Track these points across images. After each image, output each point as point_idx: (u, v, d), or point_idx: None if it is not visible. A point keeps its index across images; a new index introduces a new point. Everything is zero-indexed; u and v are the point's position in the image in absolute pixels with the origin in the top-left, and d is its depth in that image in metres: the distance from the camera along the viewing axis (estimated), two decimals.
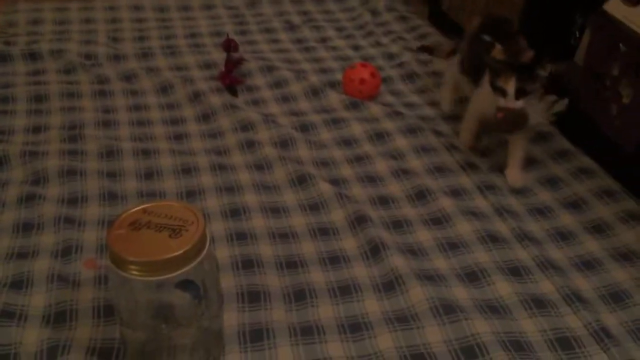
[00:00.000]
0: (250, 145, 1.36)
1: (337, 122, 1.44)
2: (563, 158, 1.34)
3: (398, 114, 1.47)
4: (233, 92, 1.56)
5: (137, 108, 1.49)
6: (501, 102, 1.17)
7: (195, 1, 2.08)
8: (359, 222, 1.14)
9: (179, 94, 1.55)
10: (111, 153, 1.31)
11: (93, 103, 1.50)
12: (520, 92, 1.15)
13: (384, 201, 1.22)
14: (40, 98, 1.51)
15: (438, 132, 1.42)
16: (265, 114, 1.47)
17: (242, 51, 1.74)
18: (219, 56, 1.71)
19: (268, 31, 1.91)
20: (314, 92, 1.56)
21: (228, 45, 1.65)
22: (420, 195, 1.23)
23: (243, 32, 1.89)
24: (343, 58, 1.75)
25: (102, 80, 1.59)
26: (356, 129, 1.42)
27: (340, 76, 1.63)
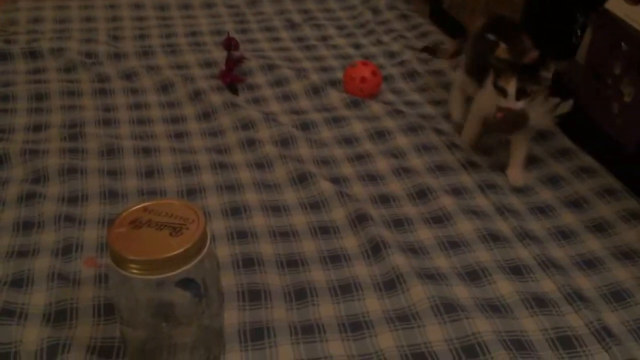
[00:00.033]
0: (250, 143, 1.36)
1: (338, 121, 1.44)
2: (564, 157, 1.34)
3: (399, 113, 1.47)
4: (234, 91, 1.56)
5: (138, 106, 1.49)
6: (502, 102, 1.17)
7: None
8: (360, 221, 1.14)
9: (180, 93, 1.54)
10: (112, 151, 1.31)
11: (93, 101, 1.50)
12: (520, 93, 1.15)
13: (385, 200, 1.22)
14: (40, 96, 1.50)
15: (439, 131, 1.42)
16: (265, 113, 1.47)
17: (243, 49, 1.73)
18: (220, 54, 1.71)
19: (269, 29, 1.91)
20: (315, 91, 1.56)
21: (229, 43, 1.65)
22: (421, 193, 1.23)
23: (244, 31, 1.89)
24: (344, 56, 1.75)
25: (103, 78, 1.58)
26: (357, 128, 1.42)
27: (341, 75, 1.63)
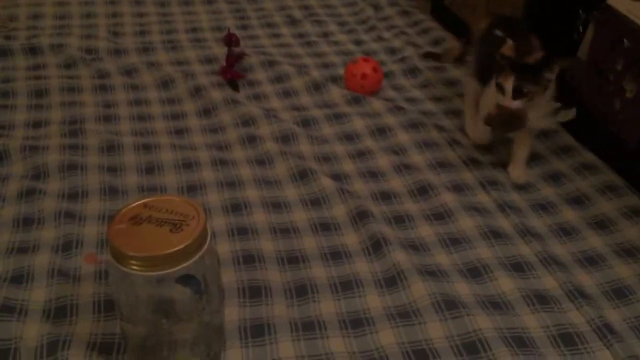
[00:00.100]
0: (251, 140, 1.35)
1: (339, 117, 1.44)
2: (566, 154, 1.33)
3: (400, 109, 1.46)
4: (234, 87, 1.56)
5: (138, 103, 1.49)
6: (499, 100, 1.16)
7: None
8: (361, 218, 1.13)
9: (180, 89, 1.54)
10: (112, 148, 1.31)
11: (93, 98, 1.49)
12: (517, 92, 1.12)
13: (386, 196, 1.22)
14: (40, 93, 1.50)
15: (440, 127, 1.41)
16: (266, 109, 1.46)
17: (243, 46, 1.73)
18: (220, 51, 1.70)
19: (269, 26, 1.90)
20: (316, 87, 1.55)
21: (229, 39, 1.64)
22: (422, 190, 1.22)
23: (244, 27, 1.89)
24: (345, 53, 1.74)
25: (103, 74, 1.58)
26: (358, 124, 1.41)
27: (342, 71, 1.62)
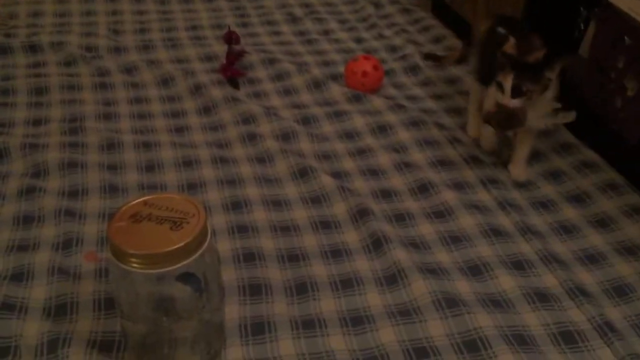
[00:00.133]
0: (251, 138, 1.35)
1: (339, 115, 1.44)
2: (567, 151, 1.33)
3: (401, 107, 1.46)
4: (234, 85, 1.55)
5: (138, 100, 1.49)
6: (499, 98, 1.15)
7: None
8: (361, 216, 1.13)
9: (180, 87, 1.54)
10: (112, 146, 1.31)
11: (93, 95, 1.49)
12: (516, 91, 1.11)
13: (386, 194, 1.21)
14: (40, 90, 1.50)
15: (441, 125, 1.41)
16: (266, 107, 1.46)
17: (244, 43, 1.73)
18: (220, 48, 1.70)
19: (270, 23, 1.90)
20: (316, 85, 1.55)
21: (229, 37, 1.64)
22: (422, 188, 1.22)
23: (244, 25, 1.88)
24: (345, 50, 1.74)
25: (103, 72, 1.58)
26: (358, 122, 1.41)
27: (342, 69, 1.62)
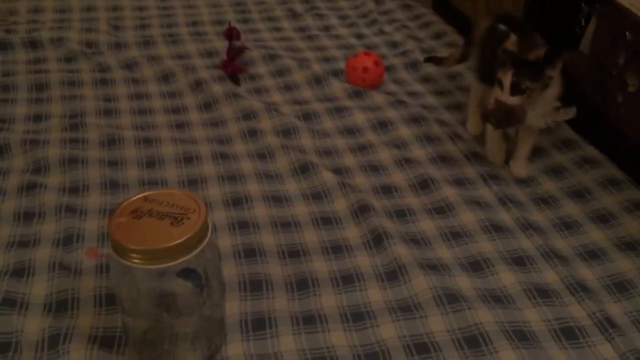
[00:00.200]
0: (252, 134, 1.35)
1: (340, 111, 1.44)
2: (567, 147, 1.33)
3: (401, 103, 1.46)
4: (235, 81, 1.55)
5: (139, 96, 1.49)
6: (498, 95, 1.15)
7: None
8: (362, 211, 1.13)
9: (181, 83, 1.54)
10: (112, 141, 1.31)
11: (94, 91, 1.49)
12: (515, 88, 1.10)
13: (387, 190, 1.21)
14: (41, 86, 1.50)
15: (442, 121, 1.41)
16: (267, 103, 1.46)
17: (244, 39, 1.72)
18: (221, 44, 1.70)
19: (270, 19, 1.90)
20: (317, 81, 1.55)
21: (230, 33, 1.64)
22: (423, 184, 1.22)
23: (245, 20, 1.88)
24: (346, 46, 1.74)
25: (103, 68, 1.58)
26: (359, 118, 1.41)
27: (343, 65, 1.62)
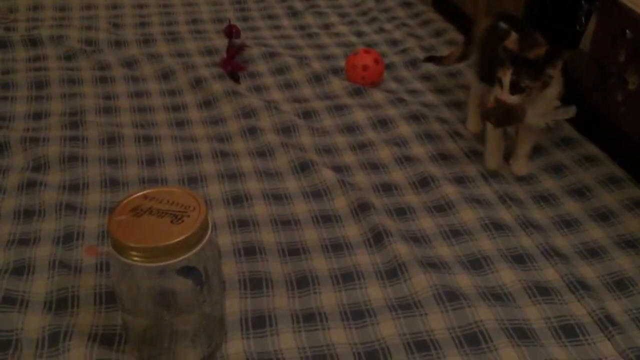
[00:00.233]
0: (252, 132, 1.35)
1: (340, 109, 1.43)
2: (568, 145, 1.33)
3: (401, 101, 1.46)
4: (235, 79, 1.55)
5: (139, 94, 1.49)
6: (497, 93, 1.14)
7: None
8: (362, 210, 1.13)
9: (181, 81, 1.53)
10: (112, 139, 1.31)
11: (94, 89, 1.49)
12: (514, 87, 1.10)
13: (387, 188, 1.21)
14: (40, 84, 1.50)
15: (442, 119, 1.41)
16: (267, 101, 1.46)
17: (244, 37, 1.72)
18: (221, 42, 1.70)
19: (270, 17, 1.90)
20: (317, 79, 1.55)
21: (230, 31, 1.64)
22: (423, 182, 1.22)
23: (245, 19, 1.88)
24: (346, 44, 1.74)
25: (103, 66, 1.58)
26: (359, 116, 1.41)
27: (343, 63, 1.62)
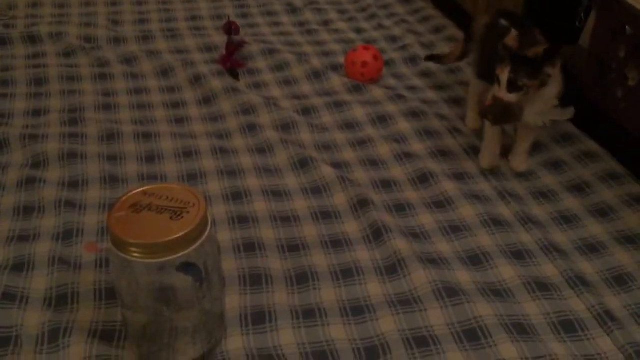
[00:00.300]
0: (251, 128, 1.35)
1: (339, 106, 1.43)
2: (567, 141, 1.33)
3: (400, 97, 1.46)
4: (234, 75, 1.55)
5: (138, 91, 1.48)
6: (495, 91, 1.14)
7: None
8: (361, 206, 1.13)
9: (180, 77, 1.53)
10: (112, 136, 1.31)
11: (93, 86, 1.49)
12: (512, 85, 1.09)
13: (387, 184, 1.21)
14: (40, 81, 1.50)
15: (441, 116, 1.41)
16: (266, 97, 1.46)
17: (244, 34, 1.72)
18: (220, 39, 1.70)
19: (269, 14, 1.89)
20: (316, 75, 1.55)
21: (229, 28, 1.64)
22: (423, 178, 1.22)
23: (244, 15, 1.88)
24: (345, 41, 1.74)
25: (103, 63, 1.57)
26: (358, 112, 1.41)
27: (342, 59, 1.61)
